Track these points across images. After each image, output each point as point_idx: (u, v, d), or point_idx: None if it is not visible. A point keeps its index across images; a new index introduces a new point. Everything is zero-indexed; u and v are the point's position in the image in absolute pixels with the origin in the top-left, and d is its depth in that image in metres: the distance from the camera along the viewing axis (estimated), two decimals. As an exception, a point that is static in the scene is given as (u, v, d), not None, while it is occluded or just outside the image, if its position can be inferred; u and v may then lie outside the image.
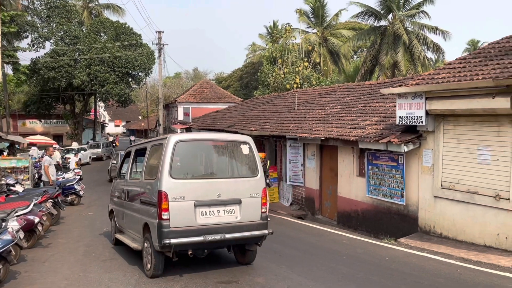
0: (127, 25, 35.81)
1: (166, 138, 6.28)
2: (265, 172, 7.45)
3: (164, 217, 5.80)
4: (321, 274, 6.40)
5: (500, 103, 7.25)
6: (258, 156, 6.73)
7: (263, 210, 6.46)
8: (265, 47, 43.57)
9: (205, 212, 6.03)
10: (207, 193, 6.07)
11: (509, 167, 7.49)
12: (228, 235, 6.02)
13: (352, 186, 11.31)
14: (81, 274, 6.63)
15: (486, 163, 7.91)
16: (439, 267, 6.79)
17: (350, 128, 11.37)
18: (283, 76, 27.86)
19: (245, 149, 6.57)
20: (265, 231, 6.39)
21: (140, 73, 36.14)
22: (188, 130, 25.68)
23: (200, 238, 5.86)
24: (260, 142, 17.62)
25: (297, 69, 27.75)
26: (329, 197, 12.59)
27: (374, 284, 5.96)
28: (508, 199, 7.48)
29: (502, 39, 9.34)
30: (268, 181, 7.22)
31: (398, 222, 9.82)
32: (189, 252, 6.01)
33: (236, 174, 6.56)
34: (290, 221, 11.88)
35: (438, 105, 8.39)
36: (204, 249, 6.17)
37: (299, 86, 26.70)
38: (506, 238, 7.56)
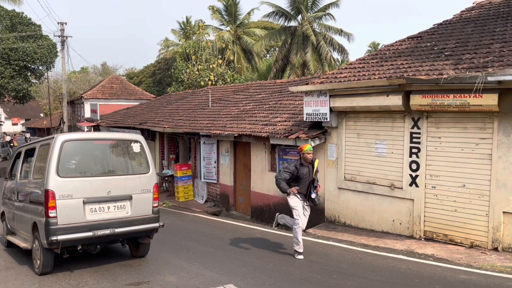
0: (24, 14, 32.75)
1: (53, 137, 6.40)
2: (313, 182, 7.14)
3: (51, 215, 5.93)
4: (233, 268, 6.50)
5: (393, 100, 7.95)
6: (149, 154, 7.05)
7: (155, 205, 6.82)
8: (178, 43, 42.82)
9: (95, 208, 6.26)
10: (96, 190, 6.30)
11: (402, 159, 8.26)
12: (118, 230, 6.30)
13: (265, 181, 11.63)
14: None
15: (382, 156, 8.64)
16: (342, 254, 7.28)
17: (262, 124, 11.67)
18: (197, 72, 27.65)
19: (136, 148, 6.92)
20: (156, 224, 6.77)
21: (40, 67, 33.28)
22: (96, 128, 24.32)
23: (89, 234, 6.08)
24: (174, 139, 17.33)
25: (211, 66, 27.72)
26: (243, 193, 12.80)
27: (283, 273, 6.21)
28: (401, 188, 8.25)
29: (396, 42, 10.25)
30: (315, 195, 7.21)
31: (307, 214, 10.30)
32: (79, 248, 6.19)
33: (126, 172, 6.83)
34: (205, 218, 11.88)
35: (341, 103, 8.96)
36: (96, 244, 6.42)
37: (213, 83, 26.71)
38: (400, 223, 8.34)
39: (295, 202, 7.10)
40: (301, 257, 7.01)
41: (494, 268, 6.19)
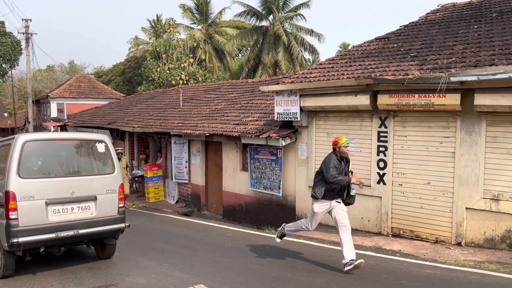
0: (-14, 10, 31.47)
1: (14, 138, 6.25)
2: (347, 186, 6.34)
3: (12, 216, 5.80)
4: (204, 268, 6.47)
5: (361, 100, 8.11)
6: (114, 154, 6.97)
7: (120, 205, 6.76)
8: (148, 41, 42.16)
9: (58, 210, 6.15)
10: (59, 191, 6.19)
11: (370, 157, 8.43)
12: (82, 231, 6.22)
13: (236, 180, 11.63)
14: None
15: (351, 154, 8.76)
16: (313, 251, 7.36)
17: (233, 124, 11.66)
18: (168, 71, 27.32)
19: (100, 148, 6.81)
20: (121, 225, 6.70)
21: (4, 65, 32.11)
22: (63, 128, 23.65)
23: (52, 235, 5.98)
24: (144, 139, 17.07)
25: (182, 65, 27.45)
26: (215, 193, 12.76)
27: (254, 272, 6.22)
28: (369, 186, 8.42)
29: (364, 42, 10.45)
30: (354, 192, 6.40)
31: (278, 213, 10.38)
32: (41, 250, 6.08)
33: (91, 172, 6.72)
34: (176, 218, 11.76)
35: (311, 102, 9.06)
36: (60, 246, 6.33)
37: (185, 82, 26.46)
38: (369, 221, 8.51)
39: (320, 208, 6.28)
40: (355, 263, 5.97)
41: (458, 262, 6.40)
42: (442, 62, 7.45)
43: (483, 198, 6.96)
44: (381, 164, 8.22)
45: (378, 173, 8.27)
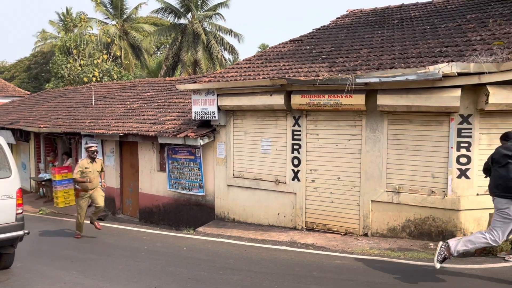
0: None
1: None
2: None
3: None
4: (116, 274, 6.19)
5: (276, 100, 8.33)
6: (11, 156, 6.49)
7: (19, 211, 6.37)
8: (57, 36, 39.29)
9: None
10: None
11: (285, 155, 8.70)
12: None
13: (154, 181, 11.30)
14: None
15: (267, 153, 9.00)
16: (230, 249, 7.40)
17: (150, 123, 11.32)
18: (79, 68, 25.71)
19: None
20: (20, 232, 6.32)
21: None
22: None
23: None
24: (52, 140, 15.91)
25: (95, 61, 26.01)
26: (131, 195, 12.28)
27: (170, 274, 6.10)
28: (285, 182, 8.69)
29: (280, 44, 10.76)
30: None
31: (197, 212, 10.29)
32: None
33: None
34: (88, 223, 11.08)
35: (228, 101, 9.11)
36: None
37: (98, 79, 25.11)
38: (285, 216, 8.78)
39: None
40: None
41: (364, 252, 6.86)
42: (349, 65, 7.92)
43: (386, 191, 7.53)
44: (296, 162, 8.52)
45: (293, 170, 8.56)
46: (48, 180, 14.47)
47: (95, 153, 8.86)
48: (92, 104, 15.52)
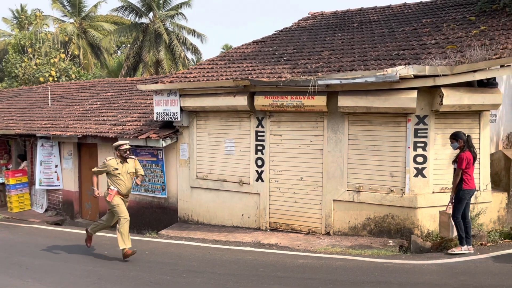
0: None
1: None
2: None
3: None
4: (75, 280, 5.97)
5: (239, 101, 8.33)
6: None
7: None
8: (11, 33, 37.51)
9: None
10: None
11: (249, 156, 8.71)
12: None
13: (114, 184, 10.99)
14: None
15: (231, 154, 8.97)
16: (194, 252, 7.32)
17: (110, 124, 11.02)
18: (35, 67, 24.65)
19: None
20: None
21: None
22: None
23: None
24: (5, 142, 15.16)
25: (52, 60, 25.01)
26: (90, 198, 11.89)
27: (131, 279, 5.96)
28: (249, 183, 8.70)
29: (243, 45, 10.77)
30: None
31: (160, 215, 10.11)
32: None
33: None
34: (45, 228, 10.65)
35: (191, 102, 9.01)
36: None
37: (55, 79, 24.17)
38: (249, 217, 8.78)
39: None
40: None
41: (326, 251, 6.98)
42: (311, 66, 8.03)
43: (347, 190, 7.70)
44: (259, 162, 8.55)
45: (257, 171, 8.58)
46: (1, 184, 13.78)
47: (127, 152, 7.18)
48: (48, 104, 14.92)
